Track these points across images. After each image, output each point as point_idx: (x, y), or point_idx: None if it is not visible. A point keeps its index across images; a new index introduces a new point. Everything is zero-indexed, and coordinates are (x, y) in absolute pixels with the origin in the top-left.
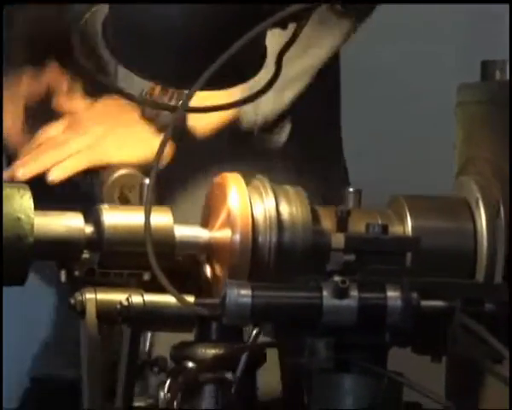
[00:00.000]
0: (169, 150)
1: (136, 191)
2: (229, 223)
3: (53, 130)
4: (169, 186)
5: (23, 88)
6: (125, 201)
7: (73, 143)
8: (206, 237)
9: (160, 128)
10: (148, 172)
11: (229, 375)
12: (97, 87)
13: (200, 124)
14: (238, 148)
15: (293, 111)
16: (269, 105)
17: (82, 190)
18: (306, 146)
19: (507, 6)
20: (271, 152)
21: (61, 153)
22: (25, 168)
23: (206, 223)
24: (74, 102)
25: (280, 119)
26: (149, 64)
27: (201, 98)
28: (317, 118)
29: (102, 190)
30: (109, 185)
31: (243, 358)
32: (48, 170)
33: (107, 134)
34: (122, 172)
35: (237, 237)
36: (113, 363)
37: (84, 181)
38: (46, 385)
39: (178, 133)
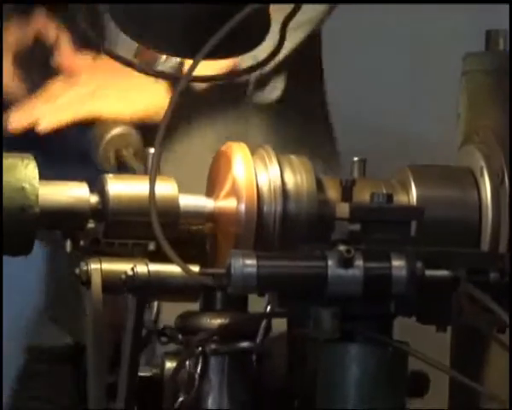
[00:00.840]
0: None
1: (134, 150)
2: (235, 192)
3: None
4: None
5: (11, 37)
6: (121, 160)
7: (65, 95)
8: (211, 206)
9: (156, 77)
10: (141, 127)
11: (245, 344)
12: (88, 42)
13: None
14: (231, 103)
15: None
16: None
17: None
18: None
19: None
20: (264, 109)
21: (52, 105)
22: (16, 122)
23: (210, 192)
24: (70, 56)
25: (274, 74)
26: (153, 34)
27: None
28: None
29: (98, 153)
30: (104, 146)
31: (262, 326)
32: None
33: (100, 87)
34: (116, 131)
35: (242, 207)
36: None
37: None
38: (43, 355)
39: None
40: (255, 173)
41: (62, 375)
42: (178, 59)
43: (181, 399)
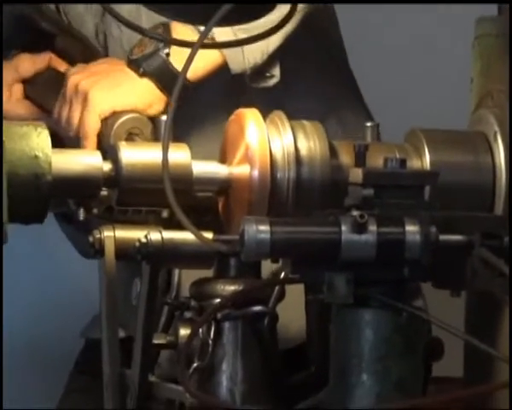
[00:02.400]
0: (164, 99)
1: (145, 136)
2: (248, 158)
3: None
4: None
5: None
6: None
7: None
8: (225, 173)
9: (142, 75)
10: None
11: (258, 308)
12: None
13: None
14: (237, 88)
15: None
16: (255, 51)
17: None
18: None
19: None
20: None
21: None
22: None
23: (223, 159)
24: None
25: (268, 63)
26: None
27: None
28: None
29: (109, 138)
30: (116, 129)
31: (275, 291)
32: None
33: (96, 83)
34: (129, 116)
35: (256, 173)
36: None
37: None
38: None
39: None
40: (268, 139)
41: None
42: (165, 55)
43: (195, 365)
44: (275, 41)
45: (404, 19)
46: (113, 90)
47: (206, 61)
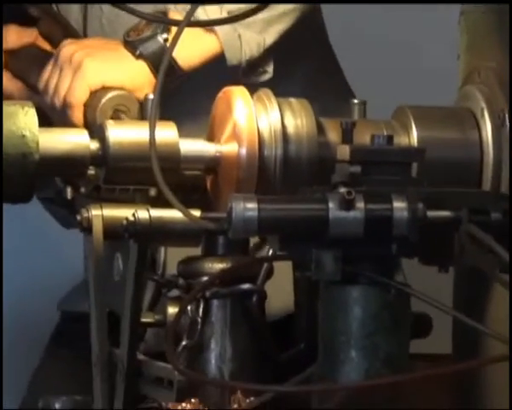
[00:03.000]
0: (153, 82)
1: (132, 115)
2: (236, 136)
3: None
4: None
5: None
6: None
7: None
8: (212, 151)
9: (138, 57)
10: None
11: (246, 286)
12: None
13: (182, 57)
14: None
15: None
16: (252, 44)
17: None
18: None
19: None
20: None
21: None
22: None
23: (211, 137)
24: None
25: (264, 58)
26: None
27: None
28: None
29: (95, 114)
30: (104, 104)
31: (263, 269)
32: None
33: (91, 53)
34: (117, 92)
35: (244, 151)
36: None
37: None
38: (76, 320)
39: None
40: (255, 117)
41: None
42: (162, 40)
43: (184, 343)
44: (271, 36)
45: None
46: (106, 64)
47: (202, 49)
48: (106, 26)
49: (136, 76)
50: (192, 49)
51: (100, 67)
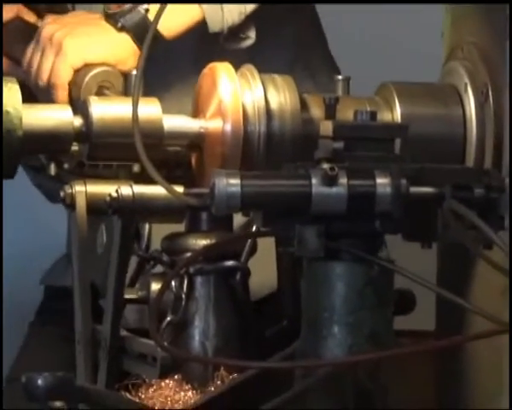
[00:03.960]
0: (136, 52)
1: (116, 90)
2: (220, 112)
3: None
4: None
5: None
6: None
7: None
8: (196, 126)
9: (120, 29)
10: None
11: (230, 263)
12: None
13: (166, 27)
14: (208, 48)
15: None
16: (234, 11)
17: None
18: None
19: None
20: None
21: None
22: None
23: (196, 113)
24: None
25: (245, 24)
26: None
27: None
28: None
29: (81, 87)
30: (88, 81)
31: (247, 246)
32: None
33: (71, 30)
34: (101, 68)
35: (228, 127)
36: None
37: None
38: (60, 296)
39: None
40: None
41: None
42: (143, 11)
43: (168, 319)
44: (251, 3)
45: None
46: (88, 40)
47: (185, 16)
48: None
49: (118, 49)
50: (174, 17)
51: (81, 44)
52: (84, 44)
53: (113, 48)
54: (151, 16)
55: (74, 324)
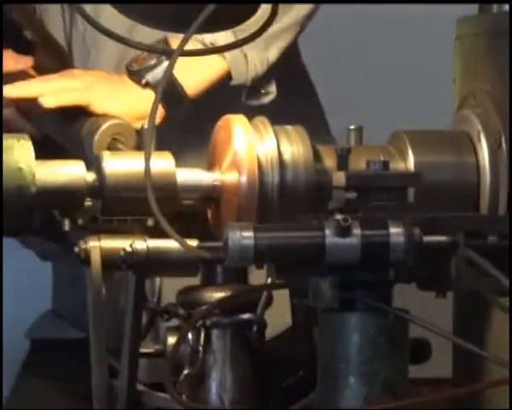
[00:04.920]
0: (161, 112)
1: (129, 143)
2: (236, 165)
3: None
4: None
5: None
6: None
7: (64, 81)
8: (210, 179)
9: (145, 86)
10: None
11: (246, 316)
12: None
13: (189, 84)
14: (230, 105)
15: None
16: (257, 61)
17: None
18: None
19: None
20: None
21: (52, 84)
22: (13, 88)
23: (212, 166)
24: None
25: (267, 77)
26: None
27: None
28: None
29: (93, 139)
30: (102, 133)
31: (263, 298)
32: (36, 98)
33: (96, 84)
34: (115, 121)
35: (244, 179)
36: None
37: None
38: (47, 347)
39: (176, 100)
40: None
41: (68, 367)
42: (164, 67)
43: (186, 372)
44: (274, 53)
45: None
46: (112, 94)
47: (208, 72)
48: (88, 42)
49: (142, 105)
50: (198, 73)
51: (105, 96)
52: (108, 97)
53: (136, 103)
54: (174, 71)
55: (62, 375)
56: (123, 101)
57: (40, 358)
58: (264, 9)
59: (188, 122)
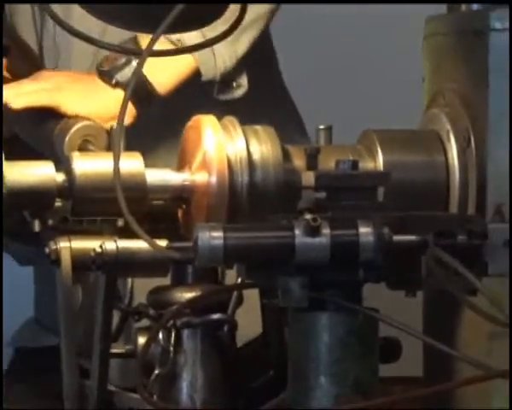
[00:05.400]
0: (132, 111)
1: (100, 144)
2: (206, 165)
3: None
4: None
5: None
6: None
7: (34, 84)
8: (179, 179)
9: (115, 86)
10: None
11: (216, 316)
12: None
13: (159, 81)
14: (201, 100)
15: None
16: (225, 56)
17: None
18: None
19: None
20: (232, 103)
21: (21, 86)
22: None
23: (182, 166)
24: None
25: (237, 70)
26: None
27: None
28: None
29: (64, 141)
30: (72, 135)
31: (233, 298)
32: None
33: (66, 85)
34: (85, 123)
35: (214, 179)
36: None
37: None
38: (30, 355)
39: (146, 99)
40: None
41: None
42: (133, 66)
43: (156, 372)
44: (243, 45)
45: (358, 15)
46: (82, 96)
47: (178, 70)
48: (59, 43)
49: (112, 105)
50: (167, 71)
51: (75, 98)
52: (79, 98)
53: (107, 103)
54: (144, 70)
55: (47, 380)
56: (93, 102)
57: (23, 365)
58: (232, 8)
59: (159, 121)
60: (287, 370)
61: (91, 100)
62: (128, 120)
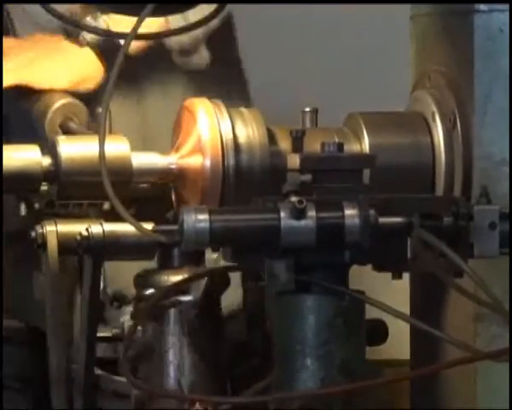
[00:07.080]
0: (101, 70)
1: (80, 119)
2: (200, 148)
3: None
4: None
5: None
6: (67, 130)
7: (5, 62)
8: (165, 163)
9: (83, 45)
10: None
11: (188, 298)
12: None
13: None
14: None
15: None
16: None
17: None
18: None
19: None
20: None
21: None
22: None
23: (176, 149)
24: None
25: (195, 42)
26: None
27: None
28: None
29: (44, 120)
30: (51, 115)
31: (204, 282)
32: None
33: (32, 59)
34: (62, 101)
35: (208, 163)
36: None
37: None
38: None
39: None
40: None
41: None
42: (104, 25)
43: (141, 353)
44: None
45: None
46: (51, 66)
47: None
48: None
49: (83, 66)
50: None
51: (45, 71)
52: (48, 70)
53: (77, 67)
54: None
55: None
56: (63, 70)
57: None
58: None
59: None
60: (269, 354)
61: (61, 69)
62: (99, 76)
